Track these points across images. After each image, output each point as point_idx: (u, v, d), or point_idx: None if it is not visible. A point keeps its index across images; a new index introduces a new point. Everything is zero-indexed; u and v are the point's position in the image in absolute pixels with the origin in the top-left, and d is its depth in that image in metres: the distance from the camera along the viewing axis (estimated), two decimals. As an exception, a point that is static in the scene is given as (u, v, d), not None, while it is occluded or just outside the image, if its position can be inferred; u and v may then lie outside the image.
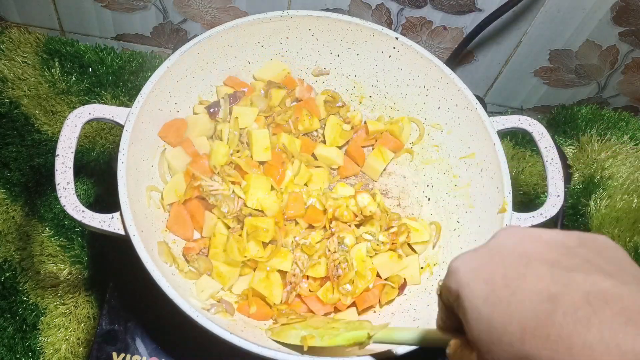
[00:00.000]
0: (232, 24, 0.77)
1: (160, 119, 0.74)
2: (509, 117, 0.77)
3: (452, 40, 1.00)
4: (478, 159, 0.78)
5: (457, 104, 0.80)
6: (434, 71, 0.81)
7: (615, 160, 0.96)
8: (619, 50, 1.01)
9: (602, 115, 1.07)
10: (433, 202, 0.83)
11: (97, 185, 0.94)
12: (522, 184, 1.04)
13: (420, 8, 0.95)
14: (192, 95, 0.79)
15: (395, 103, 0.86)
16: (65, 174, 0.62)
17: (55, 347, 0.83)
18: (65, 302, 0.86)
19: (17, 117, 0.95)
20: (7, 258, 0.85)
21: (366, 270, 0.71)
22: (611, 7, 0.92)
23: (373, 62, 0.85)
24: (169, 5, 0.98)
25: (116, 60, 1.03)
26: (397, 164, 0.87)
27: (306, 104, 0.83)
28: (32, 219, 0.89)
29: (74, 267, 0.87)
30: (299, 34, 0.82)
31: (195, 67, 0.77)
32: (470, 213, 0.77)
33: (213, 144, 0.75)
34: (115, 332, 0.71)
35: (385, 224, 0.75)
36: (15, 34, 1.02)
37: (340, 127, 0.83)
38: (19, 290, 0.84)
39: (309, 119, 0.80)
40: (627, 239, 0.85)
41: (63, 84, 0.99)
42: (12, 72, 0.98)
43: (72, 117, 0.65)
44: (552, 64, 1.05)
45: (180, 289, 0.65)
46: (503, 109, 1.17)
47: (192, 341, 0.71)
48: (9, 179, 0.91)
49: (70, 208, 0.61)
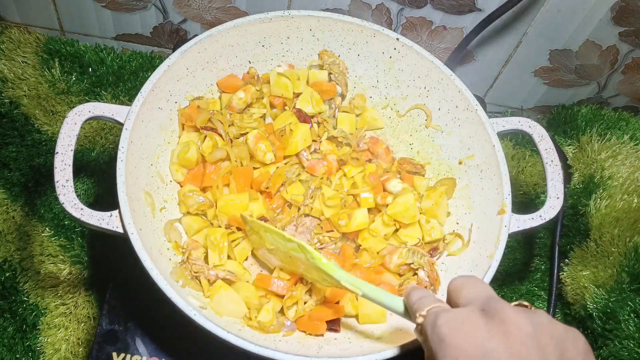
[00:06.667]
0: (233, 24, 0.77)
1: (160, 118, 0.74)
2: (509, 119, 0.77)
3: (452, 40, 1.00)
4: (478, 161, 0.78)
5: (458, 106, 0.80)
6: (435, 72, 0.81)
7: (615, 160, 0.96)
8: (619, 50, 1.01)
9: (602, 115, 1.07)
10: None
11: (97, 185, 0.94)
12: (522, 184, 1.04)
13: (420, 8, 0.95)
14: (192, 94, 0.79)
15: (395, 104, 0.86)
16: (64, 171, 0.62)
17: (55, 347, 0.83)
18: (65, 302, 0.86)
19: (17, 117, 0.95)
20: (7, 258, 0.85)
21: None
22: (611, 7, 0.92)
23: (374, 63, 0.85)
24: (169, 5, 0.98)
25: (116, 60, 1.03)
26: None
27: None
28: (32, 219, 0.89)
29: (74, 267, 0.87)
30: (300, 34, 0.82)
31: (195, 67, 0.77)
32: (470, 214, 0.77)
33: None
34: (115, 332, 0.71)
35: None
36: (15, 34, 1.02)
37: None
38: (19, 290, 0.84)
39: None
40: (627, 239, 0.85)
41: (63, 84, 0.99)
42: (12, 72, 0.98)
43: (72, 114, 0.65)
44: (552, 64, 1.05)
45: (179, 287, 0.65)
46: (503, 109, 1.17)
47: (192, 341, 0.71)
48: (9, 179, 0.91)
49: (69, 206, 0.61)
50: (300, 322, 0.69)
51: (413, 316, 0.49)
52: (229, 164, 0.76)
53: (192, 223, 0.73)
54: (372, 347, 0.64)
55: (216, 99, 0.81)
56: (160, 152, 0.75)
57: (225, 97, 0.81)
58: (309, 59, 0.85)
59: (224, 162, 0.76)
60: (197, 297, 0.66)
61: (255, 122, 0.79)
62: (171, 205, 0.74)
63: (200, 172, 0.76)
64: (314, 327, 0.68)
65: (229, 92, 0.81)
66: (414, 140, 0.86)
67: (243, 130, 0.78)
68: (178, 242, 0.71)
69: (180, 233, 0.73)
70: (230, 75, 0.82)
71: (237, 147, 0.77)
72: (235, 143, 0.78)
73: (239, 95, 0.79)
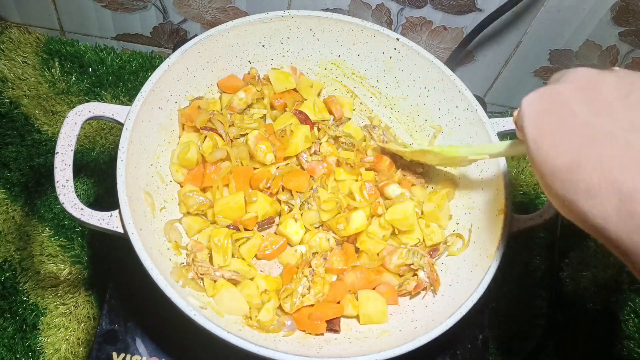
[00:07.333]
0: (233, 24, 0.77)
1: (161, 117, 0.74)
2: (509, 119, 0.77)
3: (452, 40, 1.00)
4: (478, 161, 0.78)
5: (458, 106, 0.80)
6: (435, 72, 0.80)
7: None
8: (619, 50, 1.01)
9: (602, 115, 1.07)
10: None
11: (97, 186, 0.94)
12: (522, 184, 1.04)
13: (420, 8, 0.95)
14: (192, 94, 0.79)
15: (395, 104, 0.86)
16: (64, 171, 0.62)
17: (55, 347, 0.83)
18: (65, 302, 0.86)
19: (17, 117, 0.95)
20: (7, 258, 0.85)
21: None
22: (611, 7, 0.92)
23: (374, 63, 0.85)
24: (169, 5, 0.98)
25: (116, 60, 1.03)
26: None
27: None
28: (32, 219, 0.89)
29: (74, 267, 0.87)
30: (300, 34, 0.82)
31: (195, 66, 0.77)
32: (470, 214, 0.77)
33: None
34: (115, 332, 0.71)
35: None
36: (15, 34, 1.02)
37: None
38: (19, 290, 0.84)
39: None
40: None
41: (63, 84, 0.99)
42: (12, 72, 0.98)
43: (72, 114, 0.65)
44: (552, 64, 1.05)
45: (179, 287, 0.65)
46: (503, 109, 1.17)
47: (192, 341, 0.71)
48: (9, 179, 0.91)
49: (69, 206, 0.61)
50: (300, 321, 0.69)
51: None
52: (229, 164, 0.76)
53: (193, 223, 0.73)
54: (372, 347, 0.64)
55: (216, 99, 0.81)
56: (160, 152, 0.75)
57: (225, 97, 0.81)
58: (309, 59, 0.85)
59: (224, 162, 0.76)
60: (197, 297, 0.66)
61: (256, 122, 0.79)
62: (171, 206, 0.74)
63: (200, 172, 0.76)
64: (314, 327, 0.68)
65: (230, 93, 0.81)
66: (414, 140, 0.86)
67: (243, 130, 0.78)
68: (178, 242, 0.71)
69: (180, 233, 0.73)
70: (230, 76, 0.82)
71: (238, 147, 0.77)
72: (236, 143, 0.78)
73: (240, 95, 0.79)
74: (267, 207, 0.75)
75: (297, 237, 0.75)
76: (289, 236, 0.75)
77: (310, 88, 0.84)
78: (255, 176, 0.76)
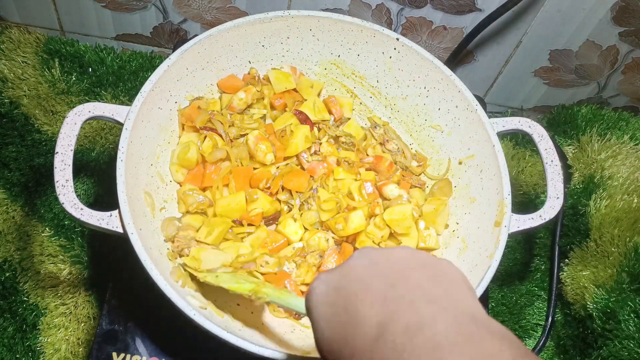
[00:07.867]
0: (233, 24, 0.77)
1: (160, 117, 0.74)
2: (509, 119, 0.77)
3: (452, 40, 1.00)
4: (478, 161, 0.78)
5: (458, 105, 0.80)
6: (435, 72, 0.81)
7: (615, 160, 0.96)
8: (619, 50, 1.01)
9: (602, 115, 1.07)
10: (433, 202, 0.83)
11: (97, 186, 0.94)
12: (522, 184, 1.04)
13: (420, 8, 0.95)
14: (192, 94, 0.79)
15: (395, 104, 0.87)
16: (64, 171, 0.62)
17: (55, 347, 0.83)
18: (65, 302, 0.86)
19: (17, 117, 0.95)
20: (7, 258, 0.85)
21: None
22: (611, 7, 0.92)
23: (374, 63, 0.85)
24: (169, 5, 0.98)
25: (116, 60, 1.03)
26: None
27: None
28: (32, 219, 0.89)
29: (74, 267, 0.87)
30: (300, 34, 0.82)
31: (195, 66, 0.77)
32: (470, 214, 0.77)
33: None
34: (115, 332, 0.71)
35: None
36: (15, 34, 1.02)
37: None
38: (19, 290, 0.84)
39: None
40: (627, 239, 0.85)
41: (63, 84, 0.99)
42: (12, 72, 0.98)
43: (72, 114, 0.65)
44: (552, 64, 1.05)
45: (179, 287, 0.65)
46: (503, 109, 1.17)
47: (192, 341, 0.71)
48: (9, 179, 0.91)
49: (69, 205, 0.61)
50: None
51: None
52: (229, 164, 0.76)
53: (192, 222, 0.73)
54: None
55: (216, 99, 0.81)
56: (160, 152, 0.75)
57: (225, 97, 0.81)
58: (309, 59, 0.85)
59: (224, 162, 0.76)
60: (197, 297, 0.66)
61: (256, 122, 0.79)
62: (171, 206, 0.74)
63: (200, 172, 0.76)
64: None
65: (230, 93, 0.81)
66: (413, 140, 0.86)
67: (243, 130, 0.78)
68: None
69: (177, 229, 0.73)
70: (230, 76, 0.82)
71: (237, 147, 0.77)
72: (236, 143, 0.78)
73: (240, 95, 0.79)
74: (267, 205, 0.75)
75: (296, 237, 0.75)
76: (288, 236, 0.75)
77: (310, 88, 0.84)
78: (255, 176, 0.76)
